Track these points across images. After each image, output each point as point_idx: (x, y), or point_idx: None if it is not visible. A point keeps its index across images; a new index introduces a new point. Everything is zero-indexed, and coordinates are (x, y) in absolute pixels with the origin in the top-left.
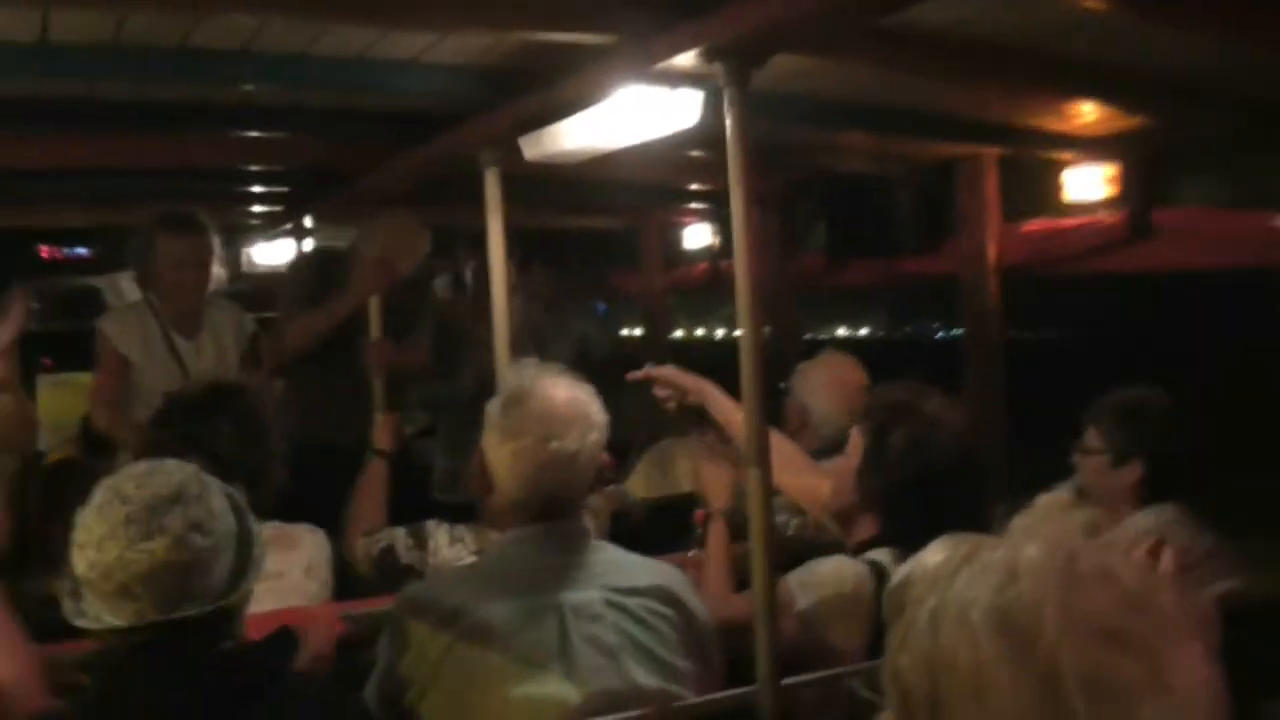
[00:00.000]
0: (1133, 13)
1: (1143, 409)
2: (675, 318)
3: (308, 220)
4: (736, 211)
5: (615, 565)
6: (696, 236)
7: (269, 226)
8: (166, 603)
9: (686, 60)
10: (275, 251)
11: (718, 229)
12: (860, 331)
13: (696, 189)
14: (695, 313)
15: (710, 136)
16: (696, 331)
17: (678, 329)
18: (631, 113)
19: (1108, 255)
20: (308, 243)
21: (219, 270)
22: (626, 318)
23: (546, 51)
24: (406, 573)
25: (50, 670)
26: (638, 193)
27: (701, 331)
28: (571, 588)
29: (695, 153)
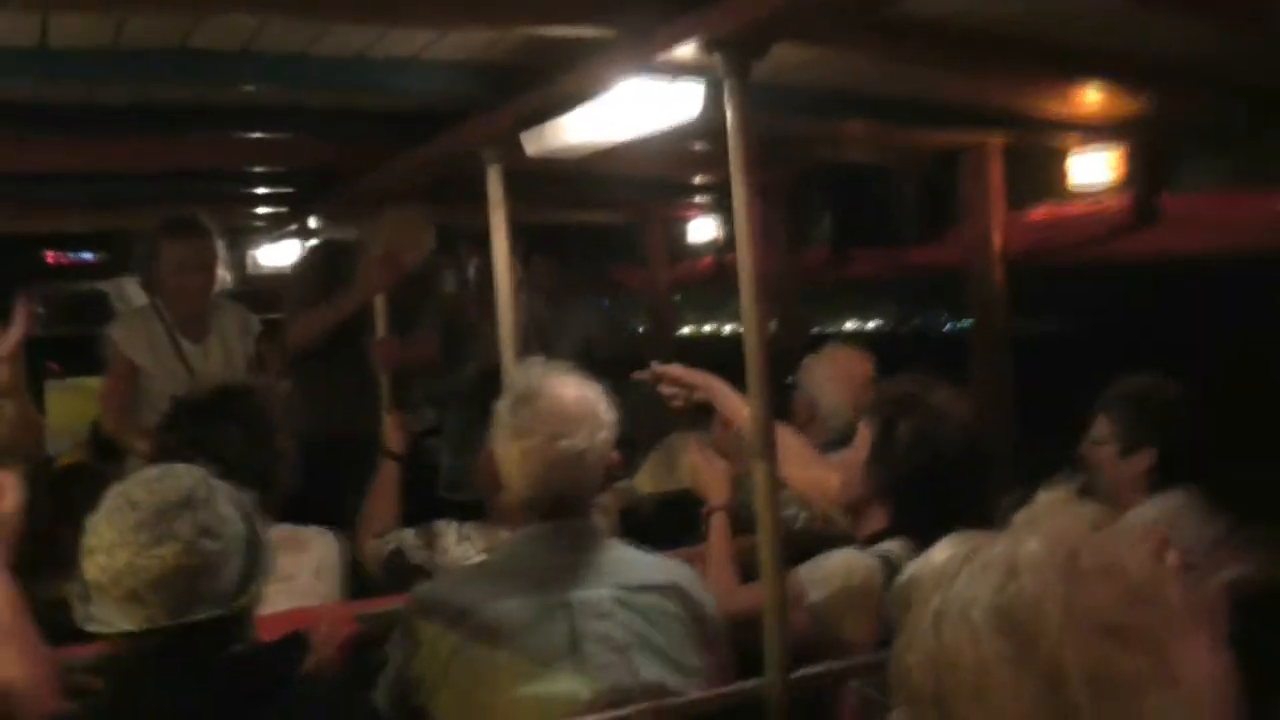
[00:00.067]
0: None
1: (1152, 397)
2: (683, 313)
3: (311, 221)
4: (738, 204)
5: (625, 563)
6: (700, 230)
7: (273, 228)
8: (177, 607)
9: (687, 52)
10: (280, 253)
11: (722, 222)
12: (869, 325)
13: (699, 182)
14: (703, 308)
15: (712, 129)
16: (705, 327)
17: (685, 325)
18: (633, 106)
19: (1114, 240)
20: (312, 242)
21: (224, 273)
22: (631, 314)
23: (547, 47)
24: (416, 573)
25: (61, 673)
26: (640, 187)
27: (710, 327)
28: (581, 586)
29: (697, 146)
